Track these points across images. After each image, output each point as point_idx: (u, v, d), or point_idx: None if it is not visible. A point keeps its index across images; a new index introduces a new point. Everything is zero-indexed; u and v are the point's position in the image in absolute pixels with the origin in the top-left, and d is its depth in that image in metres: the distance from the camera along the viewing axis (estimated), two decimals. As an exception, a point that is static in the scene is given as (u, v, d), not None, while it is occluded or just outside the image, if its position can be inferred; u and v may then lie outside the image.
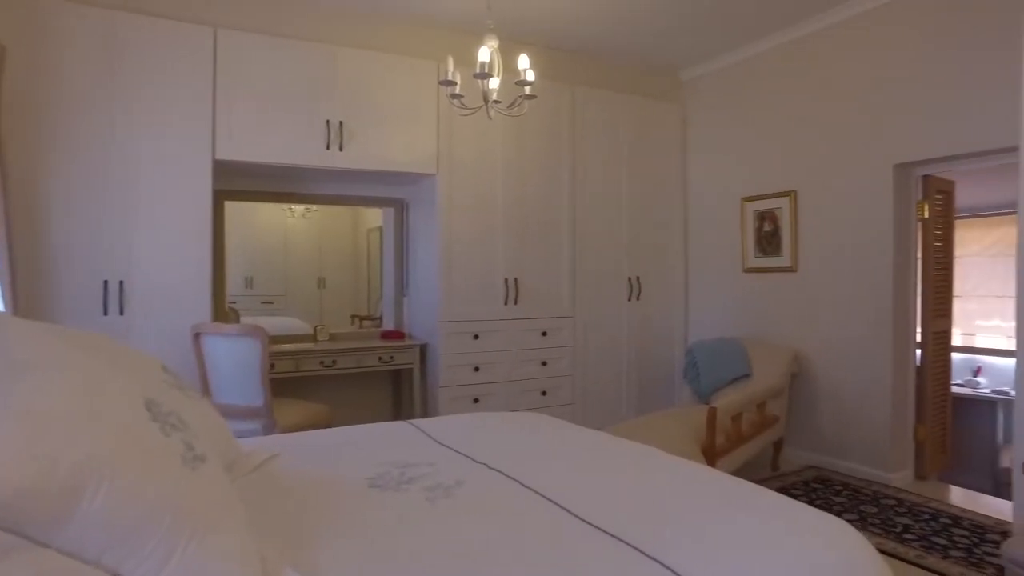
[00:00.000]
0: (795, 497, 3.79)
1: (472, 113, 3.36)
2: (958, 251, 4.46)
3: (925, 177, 4.10)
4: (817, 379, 4.43)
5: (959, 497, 3.92)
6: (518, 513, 1.48)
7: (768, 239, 4.75)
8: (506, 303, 4.57)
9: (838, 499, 3.76)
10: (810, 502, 3.71)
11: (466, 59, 3.97)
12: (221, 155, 3.71)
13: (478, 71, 3.05)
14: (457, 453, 1.94)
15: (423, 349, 4.47)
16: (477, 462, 1.86)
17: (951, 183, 4.32)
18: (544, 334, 4.74)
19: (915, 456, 4.18)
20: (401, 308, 4.82)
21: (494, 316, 4.53)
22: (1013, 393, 5.66)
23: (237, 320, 4.34)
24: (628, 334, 5.14)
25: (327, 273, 4.83)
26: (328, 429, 2.44)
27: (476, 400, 4.43)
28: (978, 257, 5.86)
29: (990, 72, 3.51)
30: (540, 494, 1.59)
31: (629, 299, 5.15)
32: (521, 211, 4.64)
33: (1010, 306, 5.69)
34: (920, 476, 4.16)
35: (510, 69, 3.56)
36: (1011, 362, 5.79)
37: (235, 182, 4.18)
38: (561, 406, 4.82)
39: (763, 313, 4.81)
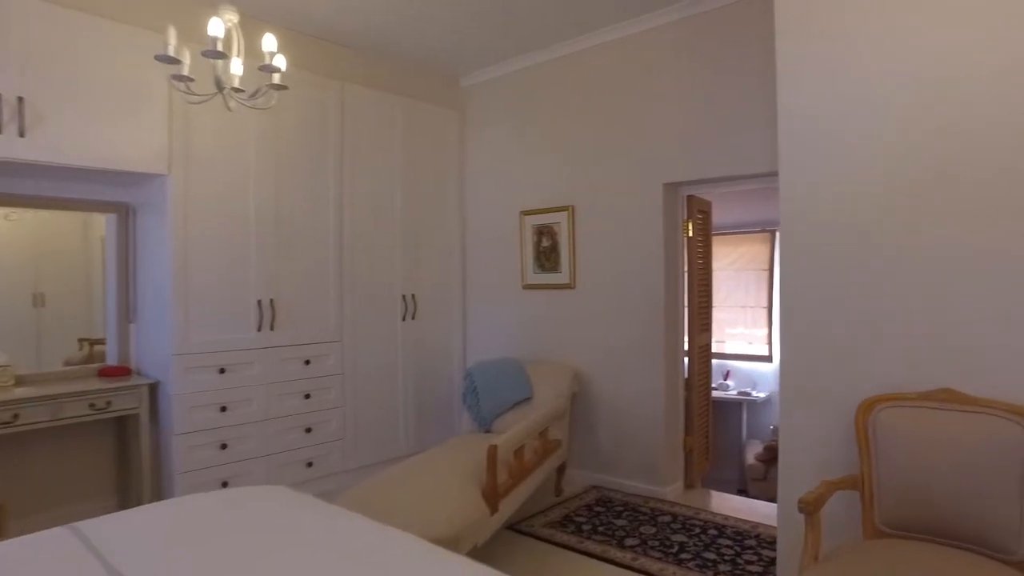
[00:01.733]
0: (579, 525, 3.69)
1: (204, 101, 2.70)
2: (712, 266, 4.74)
3: (688, 197, 4.26)
4: (596, 397, 4.41)
5: (720, 503, 4.10)
6: None
7: (547, 255, 4.65)
8: (260, 329, 3.90)
9: (620, 522, 3.70)
10: (594, 529, 3.60)
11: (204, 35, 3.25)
12: None
13: (208, 48, 2.42)
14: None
15: (153, 389, 3.62)
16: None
17: (709, 203, 4.56)
18: (307, 362, 4.14)
19: (684, 466, 4.31)
20: (127, 338, 3.89)
21: (245, 345, 3.83)
22: (755, 393, 6.31)
23: None
24: (404, 357, 4.73)
25: (47, 288, 3.74)
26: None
27: (224, 446, 3.70)
28: (725, 271, 6.41)
29: (748, 103, 3.69)
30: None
31: (404, 319, 4.74)
32: (279, 221, 4.00)
33: (751, 315, 6.31)
34: (689, 485, 4.30)
35: (256, 52, 2.96)
36: (753, 365, 6.46)
37: None
38: (329, 442, 4.26)
39: (543, 331, 4.70)
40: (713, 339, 5.81)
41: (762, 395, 5.99)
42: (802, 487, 2.36)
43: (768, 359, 6.13)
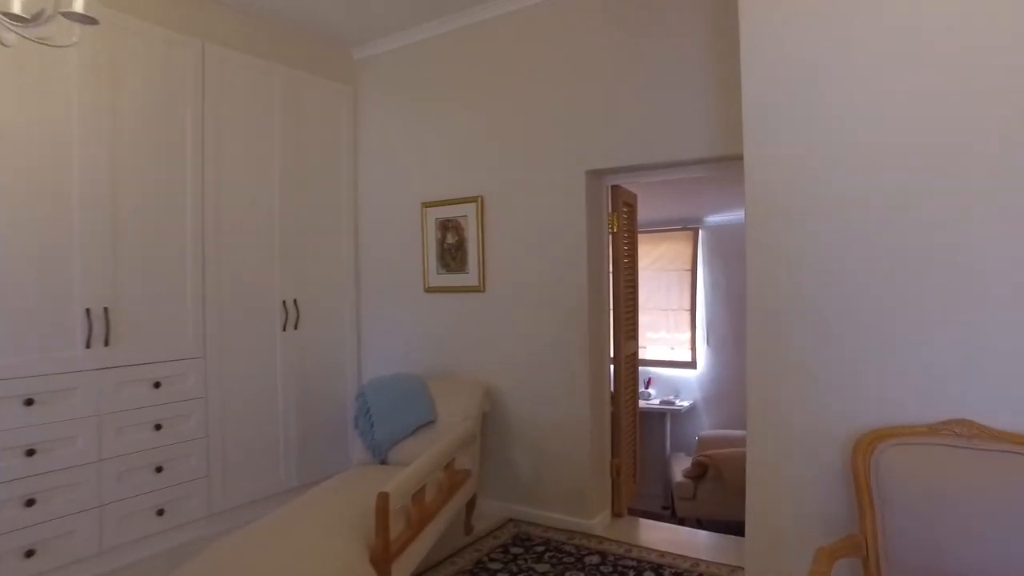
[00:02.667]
0: (494, 573, 3.08)
1: (-43, 28, 1.90)
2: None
3: (613, 187, 3.76)
4: (511, 416, 3.82)
5: (652, 535, 3.62)
6: None
7: (452, 253, 4.03)
8: (90, 345, 3.06)
9: (541, 567, 3.12)
10: (510, 579, 3.01)
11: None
12: None
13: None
14: None
15: (-74, 429, 2.72)
16: None
17: (635, 196, 4.09)
18: (157, 385, 3.33)
19: (611, 492, 3.80)
20: (-99, 359, 2.94)
21: (67, 366, 2.98)
22: (679, 403, 5.94)
23: None
24: (285, 374, 3.98)
25: None
26: None
27: (31, 502, 2.83)
28: (645, 271, 6.00)
29: (686, 80, 3.22)
30: None
31: (284, 328, 3.98)
32: (116, 210, 3.18)
33: (674, 319, 5.93)
34: (616, 513, 3.80)
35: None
36: (676, 372, 6.09)
37: None
38: (188, 482, 3.46)
39: (449, 341, 4.07)
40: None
41: (686, 404, 5.62)
42: (780, 547, 1.86)
43: (692, 365, 5.78)
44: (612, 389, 3.85)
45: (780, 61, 2.16)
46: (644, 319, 5.90)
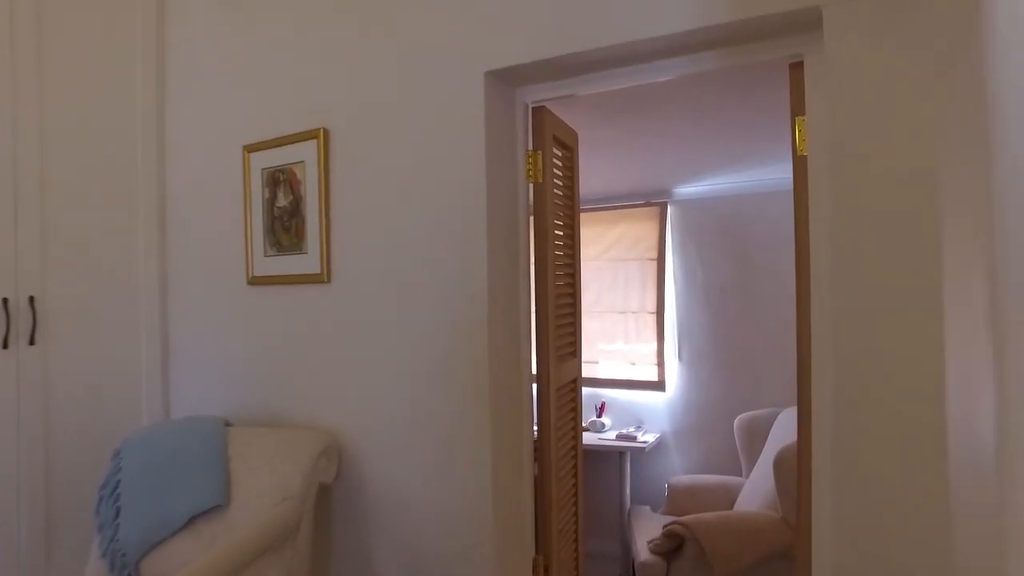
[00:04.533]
0: None
1: None
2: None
3: (536, 110, 2.31)
4: (371, 490, 2.34)
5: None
6: None
7: (285, 222, 2.53)
8: None
9: None
10: None
11: None
12: None
13: None
14: None
15: None
16: None
17: (574, 134, 2.65)
18: None
19: (534, 604, 2.35)
20: None
21: None
22: (641, 437, 4.53)
23: None
24: (17, 419, 2.43)
25: None
26: None
27: None
28: (595, 262, 4.60)
29: None
30: None
31: (6, 345, 2.43)
32: None
33: (635, 324, 4.53)
34: (542, 642, 2.35)
35: None
36: (637, 396, 4.69)
37: None
38: None
39: (279, 364, 2.56)
40: (584, 359, 3.93)
41: (651, 438, 4.21)
42: None
43: (659, 386, 4.37)
44: (535, 436, 2.40)
45: None
46: (594, 325, 4.49)
